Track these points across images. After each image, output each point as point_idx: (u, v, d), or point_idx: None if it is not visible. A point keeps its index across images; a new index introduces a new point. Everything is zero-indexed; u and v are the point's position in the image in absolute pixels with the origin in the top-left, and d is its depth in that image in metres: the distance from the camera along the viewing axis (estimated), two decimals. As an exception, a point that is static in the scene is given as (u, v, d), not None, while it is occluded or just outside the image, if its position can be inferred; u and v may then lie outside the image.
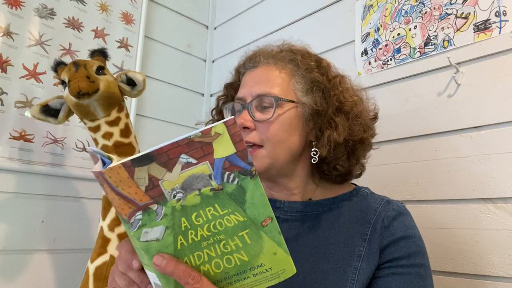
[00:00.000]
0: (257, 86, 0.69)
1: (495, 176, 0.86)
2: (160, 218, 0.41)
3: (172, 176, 0.39)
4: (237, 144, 0.39)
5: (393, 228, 0.63)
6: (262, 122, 0.66)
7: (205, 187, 0.41)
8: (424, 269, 0.63)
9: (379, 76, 1.11)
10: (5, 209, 1.11)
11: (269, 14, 1.54)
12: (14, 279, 1.11)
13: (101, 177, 0.38)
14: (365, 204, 0.68)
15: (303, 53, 0.74)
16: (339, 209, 0.69)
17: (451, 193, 0.93)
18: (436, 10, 1.01)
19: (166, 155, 0.38)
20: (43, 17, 1.24)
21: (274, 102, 0.66)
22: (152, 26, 1.58)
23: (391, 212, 0.65)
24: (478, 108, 0.91)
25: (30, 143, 1.17)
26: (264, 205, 0.42)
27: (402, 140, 1.03)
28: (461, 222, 0.90)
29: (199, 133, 0.38)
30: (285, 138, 0.67)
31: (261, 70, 0.71)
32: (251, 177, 0.41)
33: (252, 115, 0.67)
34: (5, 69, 1.14)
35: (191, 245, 0.43)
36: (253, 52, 0.77)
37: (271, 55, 0.73)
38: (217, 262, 0.44)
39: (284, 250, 0.45)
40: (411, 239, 0.63)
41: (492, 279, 0.84)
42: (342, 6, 1.27)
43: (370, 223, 0.65)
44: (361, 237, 0.64)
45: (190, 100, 1.70)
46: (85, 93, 0.90)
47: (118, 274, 0.49)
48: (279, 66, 0.71)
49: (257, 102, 0.68)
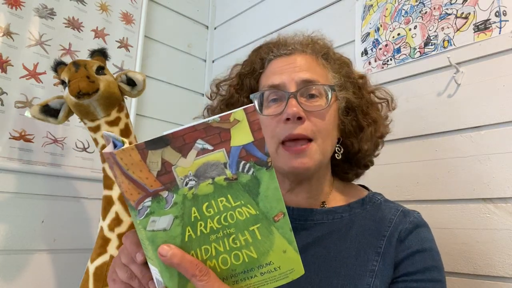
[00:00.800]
0: (301, 73, 0.62)
1: (495, 176, 0.86)
2: (169, 206, 0.39)
3: (186, 162, 0.38)
4: (255, 133, 0.38)
5: (409, 242, 0.60)
6: (313, 113, 0.60)
7: (219, 175, 0.39)
8: (439, 285, 0.59)
9: (379, 76, 1.11)
10: (5, 209, 1.11)
11: (269, 14, 1.54)
12: (14, 279, 1.11)
13: (112, 158, 0.36)
14: (379, 214, 0.64)
15: (332, 49, 0.71)
16: (351, 218, 0.64)
17: (451, 193, 0.93)
18: (436, 10, 1.01)
19: (182, 139, 0.37)
20: (43, 17, 1.24)
21: (330, 91, 0.61)
22: (152, 26, 1.58)
23: (408, 224, 0.61)
24: (478, 108, 0.91)
25: (30, 143, 1.17)
26: (278, 199, 0.40)
27: (402, 140, 1.03)
28: (461, 222, 0.90)
29: (218, 118, 0.36)
30: (332, 132, 0.63)
31: (300, 58, 0.65)
32: (266, 169, 0.39)
33: (300, 104, 0.60)
34: (5, 69, 1.14)
35: (199, 238, 0.40)
36: (283, 38, 0.71)
37: (306, 44, 0.68)
38: (224, 257, 0.42)
39: (294, 249, 0.43)
40: (428, 252, 0.60)
41: (492, 279, 0.84)
42: (342, 6, 1.27)
43: (385, 235, 0.61)
44: (374, 250, 0.60)
45: (190, 100, 1.70)
46: (85, 93, 0.90)
47: (120, 266, 0.47)
48: (317, 58, 0.66)
49: (304, 90, 0.61)
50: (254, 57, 0.72)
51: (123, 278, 0.46)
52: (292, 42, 0.69)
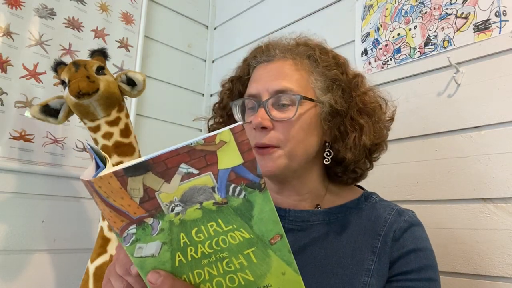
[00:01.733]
0: (274, 82, 0.63)
1: (495, 176, 0.86)
2: (156, 233, 0.37)
3: (170, 188, 0.36)
4: (244, 154, 0.35)
5: (404, 241, 0.60)
6: (282, 122, 0.61)
7: (207, 200, 0.37)
8: (434, 284, 0.60)
9: (379, 76, 1.11)
10: (5, 209, 1.11)
11: (269, 14, 1.54)
12: (14, 279, 1.11)
13: (90, 186, 0.35)
14: (374, 213, 0.65)
15: (321, 49, 0.69)
16: (347, 218, 0.65)
17: (451, 193, 0.93)
18: (436, 10, 1.01)
19: (164, 164, 0.34)
20: (43, 17, 1.24)
21: (297, 100, 0.61)
22: (152, 26, 1.58)
23: (403, 223, 0.62)
24: (478, 108, 0.91)
25: (30, 143, 1.17)
26: (274, 221, 0.38)
27: (402, 140, 1.03)
28: (461, 222, 0.90)
29: (202, 140, 0.34)
30: (304, 138, 0.63)
31: (277, 65, 0.66)
32: (259, 191, 0.37)
33: (269, 114, 0.62)
34: (5, 69, 1.14)
35: (190, 262, 0.39)
36: (266, 44, 0.71)
37: (288, 49, 0.67)
38: (219, 281, 0.40)
39: (294, 270, 0.41)
40: (422, 252, 0.60)
41: (492, 279, 0.84)
42: (342, 6, 1.27)
43: (380, 235, 0.61)
44: (370, 249, 0.60)
45: (190, 100, 1.70)
46: (85, 93, 0.90)
47: (115, 276, 0.46)
48: (297, 62, 0.65)
49: (274, 100, 0.62)
50: (243, 62, 0.73)
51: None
52: (274, 48, 0.68)
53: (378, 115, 0.67)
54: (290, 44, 0.70)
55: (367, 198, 0.68)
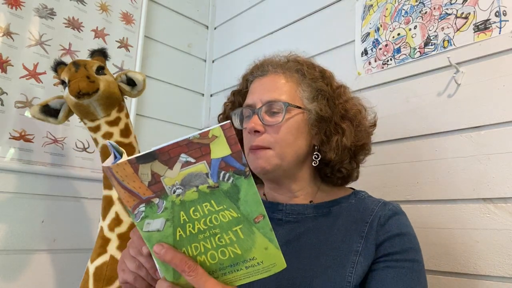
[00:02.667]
0: (266, 93, 0.73)
1: (495, 176, 0.86)
2: (161, 211, 0.45)
3: (172, 173, 0.43)
4: (232, 146, 0.42)
5: (388, 226, 0.67)
6: (272, 126, 0.71)
7: (202, 184, 0.44)
8: (417, 264, 0.66)
9: (379, 76, 1.11)
10: (5, 209, 1.11)
11: (269, 14, 1.54)
12: (14, 279, 1.11)
13: (109, 171, 0.42)
14: (363, 205, 0.72)
15: (309, 64, 0.79)
16: (337, 211, 0.73)
17: (451, 193, 0.93)
18: (436, 10, 1.01)
19: (168, 154, 0.42)
20: (43, 17, 1.24)
21: (284, 108, 0.71)
22: (152, 26, 1.58)
23: (387, 211, 0.69)
24: (478, 108, 0.91)
25: (30, 143, 1.17)
26: (257, 202, 0.45)
27: (402, 140, 1.03)
28: (461, 222, 0.90)
29: (198, 135, 0.41)
30: (292, 141, 0.71)
31: (269, 78, 0.76)
32: (245, 177, 0.44)
33: (261, 120, 0.71)
34: (5, 69, 1.14)
35: (189, 237, 0.46)
36: (261, 62, 0.81)
37: (279, 65, 0.77)
38: (212, 253, 0.47)
39: (275, 246, 0.48)
40: (406, 236, 0.67)
41: (492, 279, 0.84)
42: (342, 6, 1.27)
43: (367, 222, 0.68)
44: (358, 234, 0.67)
45: (190, 100, 1.70)
46: (85, 93, 0.90)
47: (129, 258, 0.53)
48: (286, 75, 0.75)
49: (266, 108, 0.72)
50: (242, 78, 0.84)
51: (131, 268, 0.53)
52: (267, 64, 0.78)
53: (358, 120, 0.75)
54: (281, 61, 0.80)
55: (356, 194, 0.76)
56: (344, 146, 0.72)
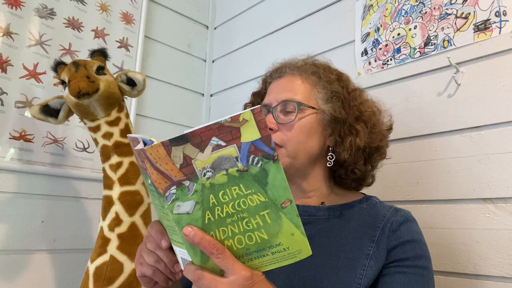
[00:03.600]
0: (282, 93, 0.76)
1: (495, 176, 0.86)
2: (191, 193, 0.45)
3: (203, 156, 0.44)
4: (262, 131, 0.43)
5: (400, 232, 0.67)
6: (285, 124, 0.73)
7: (232, 167, 0.44)
8: (427, 271, 0.66)
9: (379, 76, 1.11)
10: (5, 209, 1.11)
11: (269, 14, 1.54)
12: (14, 279, 1.11)
13: (143, 154, 0.43)
14: (375, 210, 0.72)
15: (325, 67, 0.81)
16: (349, 214, 0.73)
17: (451, 193, 0.93)
18: (436, 10, 1.01)
19: (199, 137, 0.43)
20: (43, 17, 1.24)
21: (297, 107, 0.73)
22: (152, 26, 1.58)
23: (399, 218, 0.69)
24: (478, 108, 0.91)
25: (30, 143, 1.17)
26: (284, 188, 0.45)
27: (402, 140, 1.03)
28: (461, 222, 0.90)
29: (229, 118, 0.42)
30: (305, 140, 0.73)
31: (286, 80, 0.78)
32: (273, 161, 0.45)
33: (276, 118, 0.73)
34: (5, 69, 1.14)
35: (217, 221, 0.47)
36: (280, 64, 0.84)
37: (296, 67, 0.80)
38: (239, 238, 0.48)
39: (301, 232, 0.48)
40: (417, 243, 0.67)
41: (492, 279, 0.84)
42: (342, 6, 1.27)
43: (379, 227, 0.68)
44: (369, 238, 0.67)
45: (190, 100, 1.70)
46: (85, 93, 0.90)
47: (146, 252, 0.54)
48: (303, 77, 0.77)
49: (281, 107, 0.74)
50: (262, 80, 0.88)
51: (150, 262, 0.53)
52: (284, 67, 0.81)
53: (373, 122, 0.77)
54: (299, 63, 0.82)
55: (368, 199, 0.76)
56: (357, 147, 0.73)
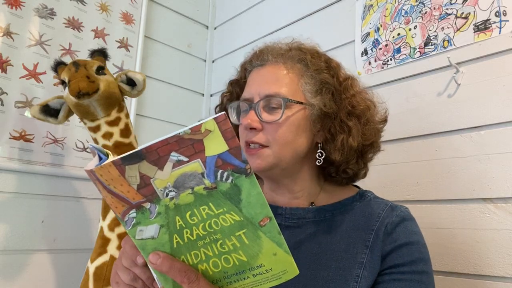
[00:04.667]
0: (265, 86, 0.66)
1: (495, 176, 0.86)
2: (154, 216, 0.40)
3: (163, 175, 0.38)
4: (229, 141, 0.37)
5: (396, 235, 0.62)
6: (270, 123, 0.65)
7: (198, 185, 0.39)
8: (426, 276, 0.61)
9: (379, 76, 1.11)
10: (5, 209, 1.11)
11: (269, 14, 1.54)
12: (14, 279, 1.11)
13: (93, 175, 0.38)
14: (368, 209, 0.66)
15: (313, 53, 0.71)
16: (341, 215, 0.67)
17: (451, 193, 0.93)
18: (436, 10, 1.01)
19: (156, 153, 0.37)
20: (43, 17, 1.24)
21: (283, 104, 0.64)
22: (152, 26, 1.58)
23: (395, 218, 0.63)
24: (478, 108, 0.91)
25: (30, 143, 1.17)
26: (262, 204, 0.41)
27: (402, 140, 1.03)
28: (461, 222, 0.90)
29: (189, 130, 0.36)
30: (292, 139, 0.65)
31: (269, 69, 0.69)
32: (246, 176, 0.39)
33: (259, 116, 0.65)
34: (5, 69, 1.14)
35: (187, 244, 0.42)
36: (261, 49, 0.73)
37: (280, 54, 0.70)
38: (215, 261, 0.43)
39: (284, 251, 0.43)
40: (414, 245, 0.62)
41: (492, 279, 0.84)
42: (342, 6, 1.27)
43: (373, 229, 0.63)
44: (363, 244, 0.62)
45: (190, 100, 1.70)
46: (85, 93, 0.90)
47: (122, 269, 0.49)
48: (288, 66, 0.68)
49: (264, 103, 0.66)
50: (240, 67, 0.77)
51: (126, 280, 0.48)
52: (267, 53, 0.71)
53: (367, 117, 0.69)
54: (283, 49, 0.72)
55: (362, 196, 0.70)
56: (350, 147, 0.66)
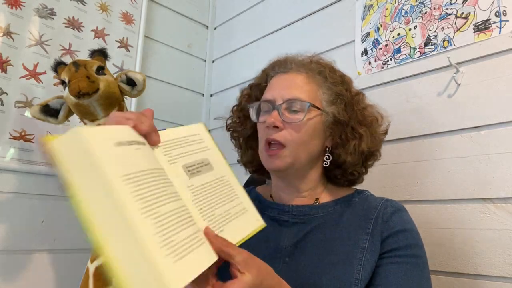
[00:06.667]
0: (287, 90, 0.73)
1: (495, 176, 0.86)
2: None
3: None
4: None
5: (392, 222, 0.69)
6: (291, 124, 0.71)
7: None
8: (420, 259, 0.67)
9: (379, 76, 1.11)
10: (5, 209, 1.11)
11: (269, 14, 1.54)
12: (14, 279, 1.11)
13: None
14: (366, 203, 0.74)
15: (330, 68, 0.79)
16: (342, 209, 0.75)
17: (451, 193, 0.93)
18: (436, 10, 1.01)
19: None
20: (43, 17, 1.24)
21: (306, 107, 0.71)
22: (152, 26, 1.58)
23: (390, 208, 0.71)
24: (478, 108, 0.91)
25: (30, 143, 1.17)
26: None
27: (402, 140, 1.03)
28: (461, 222, 0.90)
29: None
30: (308, 141, 0.72)
31: (292, 76, 0.76)
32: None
33: (281, 116, 0.71)
34: (5, 69, 1.14)
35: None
36: (284, 58, 0.82)
37: (302, 64, 0.78)
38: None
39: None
40: (409, 232, 0.68)
41: (492, 279, 0.84)
42: (342, 6, 1.27)
43: (372, 218, 0.70)
44: (364, 231, 0.69)
45: (190, 100, 1.70)
46: (85, 93, 0.90)
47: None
48: (309, 75, 0.76)
49: (287, 105, 0.72)
50: (262, 72, 0.84)
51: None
52: (290, 62, 0.78)
53: (374, 128, 0.77)
54: (305, 61, 0.80)
55: (360, 193, 0.78)
56: (361, 151, 0.74)
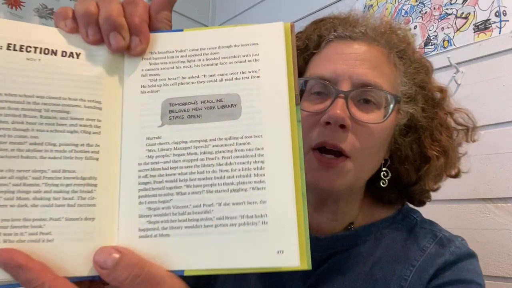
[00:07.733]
0: (362, 70, 0.47)
1: (495, 176, 0.86)
2: None
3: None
4: None
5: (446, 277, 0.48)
6: (362, 125, 0.46)
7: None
8: None
9: (379, 76, 1.11)
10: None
11: (269, 14, 1.54)
12: (14, 279, 1.11)
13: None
14: (411, 237, 0.52)
15: (412, 46, 0.54)
16: (376, 240, 0.53)
17: (451, 193, 0.92)
18: (436, 10, 1.01)
19: None
20: (43, 17, 1.24)
21: (393, 102, 0.47)
22: (152, 26, 1.58)
23: (448, 256, 0.49)
24: (478, 108, 0.91)
25: (30, 143, 1.17)
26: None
27: (402, 140, 1.03)
28: (461, 222, 0.90)
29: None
30: (377, 151, 0.49)
31: (367, 49, 0.49)
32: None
33: (349, 109, 0.46)
34: (5, 69, 1.14)
35: None
36: (353, 17, 0.56)
37: (380, 33, 0.51)
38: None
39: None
40: (467, 285, 0.46)
41: (492, 279, 0.84)
42: (342, 6, 1.27)
43: (414, 265, 0.49)
44: (397, 282, 0.48)
45: (190, 100, 1.70)
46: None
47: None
48: (388, 53, 0.50)
49: (358, 94, 0.47)
50: (311, 30, 0.56)
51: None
52: (364, 25, 0.52)
53: (458, 142, 0.57)
54: (381, 27, 0.53)
55: (405, 217, 0.56)
56: (450, 175, 0.54)
